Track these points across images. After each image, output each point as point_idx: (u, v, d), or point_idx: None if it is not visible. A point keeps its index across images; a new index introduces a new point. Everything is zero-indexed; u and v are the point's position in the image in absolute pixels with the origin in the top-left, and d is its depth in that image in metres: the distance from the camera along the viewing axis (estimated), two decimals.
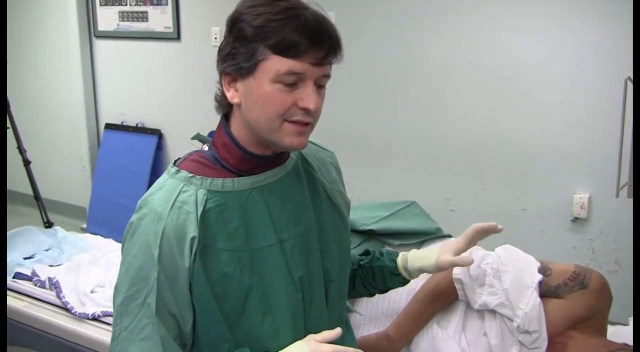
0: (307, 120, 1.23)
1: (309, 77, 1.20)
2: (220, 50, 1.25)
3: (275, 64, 1.17)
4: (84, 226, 4.93)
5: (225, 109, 1.30)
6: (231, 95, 1.25)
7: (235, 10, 1.23)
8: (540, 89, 3.33)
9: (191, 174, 1.27)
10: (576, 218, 3.34)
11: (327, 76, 1.24)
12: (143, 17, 4.62)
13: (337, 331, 1.34)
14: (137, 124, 4.87)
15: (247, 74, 1.20)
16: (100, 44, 4.95)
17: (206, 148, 1.34)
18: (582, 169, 3.30)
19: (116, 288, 1.28)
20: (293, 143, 1.24)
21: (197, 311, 1.27)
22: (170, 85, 4.68)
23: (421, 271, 1.54)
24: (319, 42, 1.18)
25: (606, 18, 3.07)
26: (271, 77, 1.18)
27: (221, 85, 1.27)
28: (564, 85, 3.26)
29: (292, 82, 1.19)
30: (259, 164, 1.30)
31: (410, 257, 1.56)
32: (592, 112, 3.20)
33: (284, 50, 1.16)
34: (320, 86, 1.24)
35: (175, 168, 1.30)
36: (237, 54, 1.20)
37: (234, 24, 1.22)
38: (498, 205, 3.55)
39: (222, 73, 1.25)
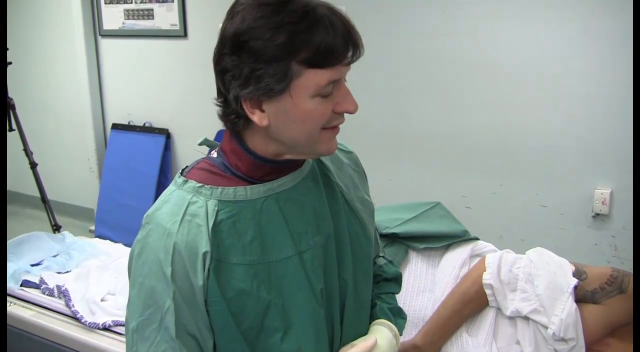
0: (342, 121, 1.16)
1: (342, 78, 1.13)
2: (226, 70, 1.11)
3: (313, 79, 1.07)
4: (92, 227, 4.91)
5: (244, 129, 1.17)
6: (258, 118, 1.11)
7: (236, 26, 1.09)
8: (559, 83, 3.25)
9: (200, 184, 1.17)
10: (597, 214, 3.27)
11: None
12: (149, 14, 4.56)
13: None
14: (144, 124, 4.81)
15: (279, 94, 1.08)
16: (105, 43, 4.90)
17: (215, 154, 1.24)
18: (603, 164, 3.23)
19: (128, 312, 1.18)
20: (330, 149, 1.17)
21: (215, 330, 1.18)
22: (178, 83, 4.63)
23: None
24: (348, 41, 1.08)
25: (631, 8, 2.97)
26: (311, 93, 1.08)
27: (239, 108, 1.12)
28: (583, 78, 3.19)
29: (331, 91, 1.10)
30: (272, 170, 1.20)
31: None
32: (613, 105, 3.13)
33: (320, 62, 1.06)
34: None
35: (182, 178, 1.19)
36: (264, 76, 1.06)
37: (243, 41, 1.07)
38: (516, 202, 3.49)
39: (243, 98, 1.11)
